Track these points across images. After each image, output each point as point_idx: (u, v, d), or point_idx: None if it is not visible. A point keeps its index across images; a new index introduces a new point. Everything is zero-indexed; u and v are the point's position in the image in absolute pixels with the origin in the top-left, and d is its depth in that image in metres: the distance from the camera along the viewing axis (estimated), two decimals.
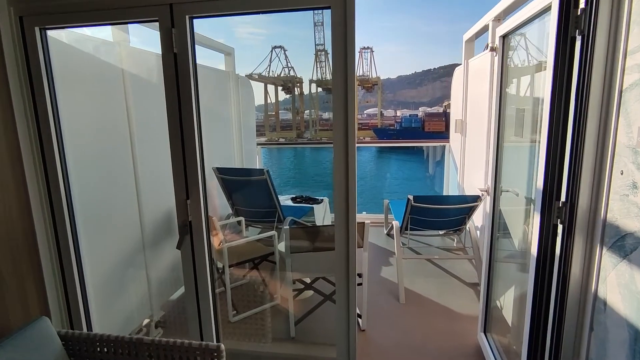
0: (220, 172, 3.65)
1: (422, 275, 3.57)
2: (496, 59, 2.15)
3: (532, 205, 2.25)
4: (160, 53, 1.59)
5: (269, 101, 54.10)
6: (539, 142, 1.54)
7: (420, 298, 3.18)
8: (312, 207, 4.57)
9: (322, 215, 4.78)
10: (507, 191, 2.28)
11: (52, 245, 1.81)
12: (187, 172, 1.63)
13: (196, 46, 3.26)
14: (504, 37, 2.10)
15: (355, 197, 1.61)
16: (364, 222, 2.55)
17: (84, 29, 2.21)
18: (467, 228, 3.37)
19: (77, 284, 1.87)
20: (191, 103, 1.57)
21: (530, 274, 1.61)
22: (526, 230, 2.28)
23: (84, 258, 1.92)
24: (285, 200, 4.93)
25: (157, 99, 1.70)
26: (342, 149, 1.53)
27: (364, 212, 5.24)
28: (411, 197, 3.03)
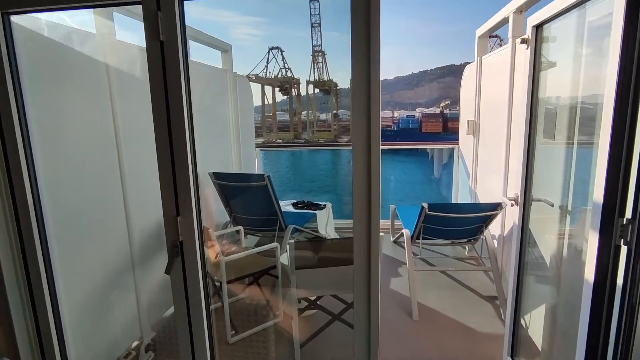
0: (217, 177, 3.39)
1: (435, 287, 3.33)
2: (527, 52, 1.91)
3: (566, 216, 2.01)
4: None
5: (266, 102, 53.85)
6: (598, 145, 1.29)
7: (434, 314, 2.93)
8: (315, 214, 4.32)
9: (325, 221, 4.53)
10: (539, 200, 2.03)
11: (18, 268, 1.55)
12: (176, 183, 1.37)
13: (190, 42, 2.99)
14: (538, 27, 1.86)
15: (378, 206, 1.36)
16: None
17: (64, 17, 1.96)
18: (483, 237, 3.13)
19: (49, 313, 1.61)
20: (181, 101, 1.31)
21: (583, 305, 1.37)
22: (561, 244, 2.04)
23: (58, 282, 1.65)
24: (285, 205, 4.67)
25: (147, 98, 1.45)
26: (364, 152, 1.28)
27: None
28: (425, 206, 2.78)
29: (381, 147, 1.36)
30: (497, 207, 2.84)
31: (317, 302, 2.59)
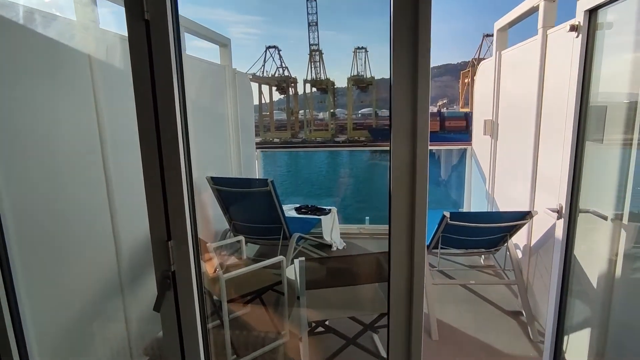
0: (216, 182, 3.11)
1: (453, 301, 3.06)
2: (577, 40, 1.65)
3: (620, 231, 1.75)
4: None
5: (263, 101, 53.50)
6: None
7: (454, 333, 2.67)
8: (320, 219, 4.05)
9: (330, 227, 4.26)
10: (587, 211, 1.77)
11: None
12: (167, 198, 1.09)
13: (185, 35, 2.69)
14: (591, 11, 1.59)
15: (424, 221, 1.08)
16: None
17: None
18: (507, 248, 2.86)
19: (13, 351, 1.32)
20: (172, 96, 1.03)
21: None
22: (613, 263, 1.78)
23: (25, 315, 1.37)
24: (288, 210, 4.40)
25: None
26: (407, 157, 1.01)
27: (367, 222, 4.72)
28: (447, 215, 2.52)
29: (383, 147, 1.09)
30: (525, 216, 2.58)
31: (327, 323, 2.32)
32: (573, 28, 1.64)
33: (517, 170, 2.98)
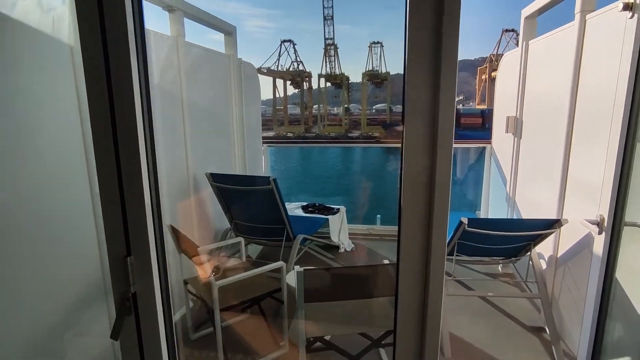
0: (216, 179, 2.92)
1: (467, 313, 2.82)
2: (631, 22, 1.38)
3: None
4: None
5: (277, 96, 53.47)
6: None
7: (469, 349, 2.43)
8: (327, 219, 3.84)
9: (338, 227, 4.05)
10: (635, 224, 1.51)
11: None
12: (125, 204, 0.89)
13: (184, 20, 2.49)
14: None
15: (445, 228, 0.86)
16: None
17: None
18: (529, 258, 2.60)
19: None
20: (130, 76, 0.83)
21: None
22: None
23: None
24: (295, 208, 4.20)
25: None
26: (425, 155, 0.79)
27: (378, 222, 4.49)
28: (465, 221, 2.27)
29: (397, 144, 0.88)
30: (552, 224, 2.31)
31: (329, 338, 2.12)
32: (627, 7, 1.38)
33: (544, 172, 2.70)
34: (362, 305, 1.87)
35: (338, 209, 4.06)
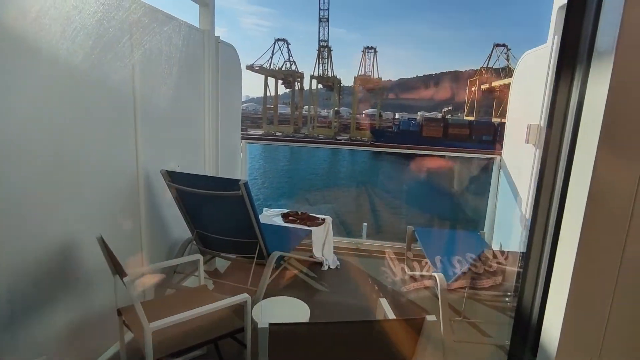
0: (174, 179, 2.35)
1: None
2: None
3: None
4: None
5: (268, 94, 52.82)
6: None
7: None
8: (310, 231, 3.30)
9: (323, 240, 3.51)
10: None
11: None
12: None
13: None
14: None
15: None
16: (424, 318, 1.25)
17: None
18: None
19: None
20: None
21: None
22: None
23: None
24: (274, 216, 3.65)
25: None
26: None
27: (364, 236, 3.97)
28: None
29: (395, 150, 0.30)
30: None
31: None
32: None
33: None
34: None
35: (323, 219, 3.53)
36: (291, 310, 2.09)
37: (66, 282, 1.77)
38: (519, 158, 3.07)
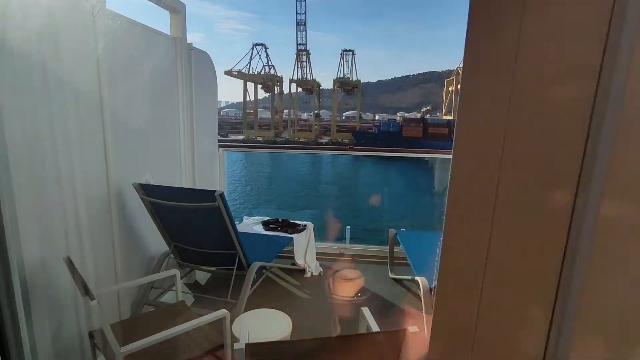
0: (148, 192, 2.27)
1: None
2: None
3: None
4: None
5: (247, 99, 52.47)
6: None
7: None
8: (292, 238, 3.26)
9: (305, 247, 3.47)
10: None
11: None
12: None
13: None
14: None
15: None
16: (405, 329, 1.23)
17: None
18: None
19: None
20: None
21: None
22: None
23: None
24: (254, 224, 3.59)
25: None
26: None
27: (348, 240, 3.96)
28: None
29: (376, 152, 0.28)
30: None
31: None
32: None
33: None
34: None
35: (305, 226, 3.49)
36: (272, 323, 2.04)
37: (34, 307, 1.67)
38: None
